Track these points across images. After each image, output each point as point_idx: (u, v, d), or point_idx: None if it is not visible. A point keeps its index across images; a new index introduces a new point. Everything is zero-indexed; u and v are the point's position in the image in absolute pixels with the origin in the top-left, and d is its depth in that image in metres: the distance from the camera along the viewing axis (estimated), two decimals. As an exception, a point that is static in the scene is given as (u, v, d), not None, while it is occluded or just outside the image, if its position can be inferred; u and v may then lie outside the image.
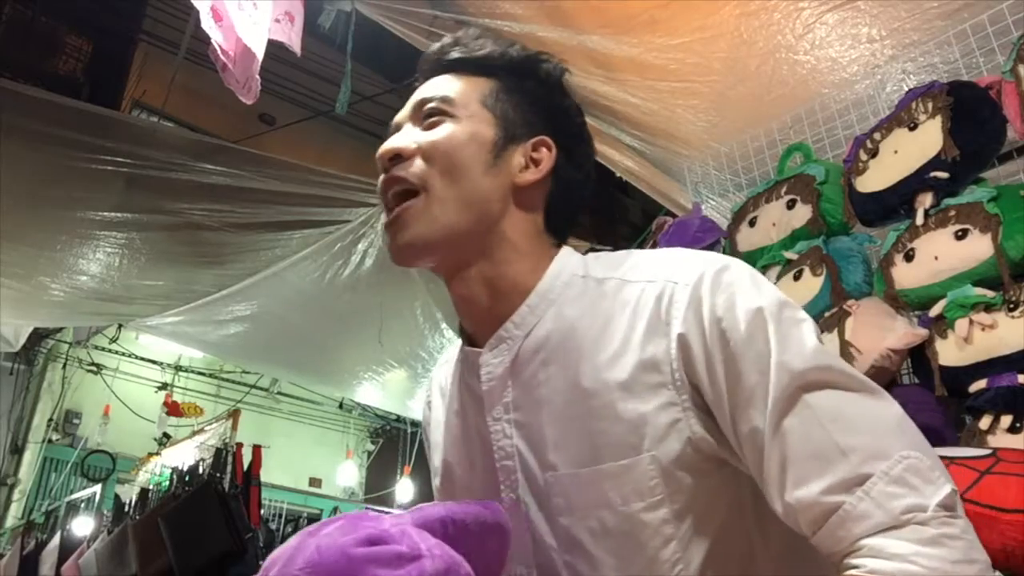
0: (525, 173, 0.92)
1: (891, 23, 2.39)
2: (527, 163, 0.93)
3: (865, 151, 2.15)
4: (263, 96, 2.66)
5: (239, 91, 2.54)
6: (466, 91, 0.94)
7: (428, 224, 0.88)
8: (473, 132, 0.91)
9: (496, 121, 0.93)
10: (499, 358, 0.90)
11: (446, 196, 0.88)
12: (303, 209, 3.78)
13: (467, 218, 0.89)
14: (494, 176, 0.90)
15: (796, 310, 0.80)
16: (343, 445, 9.26)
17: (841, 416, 0.73)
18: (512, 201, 0.92)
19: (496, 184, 0.91)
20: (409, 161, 0.90)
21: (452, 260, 0.91)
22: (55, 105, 3.12)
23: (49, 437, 7.25)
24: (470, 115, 0.92)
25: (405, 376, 5.75)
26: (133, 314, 4.97)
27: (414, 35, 3.05)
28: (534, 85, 0.97)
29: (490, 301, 0.91)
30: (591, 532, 0.81)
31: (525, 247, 0.92)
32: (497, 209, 0.91)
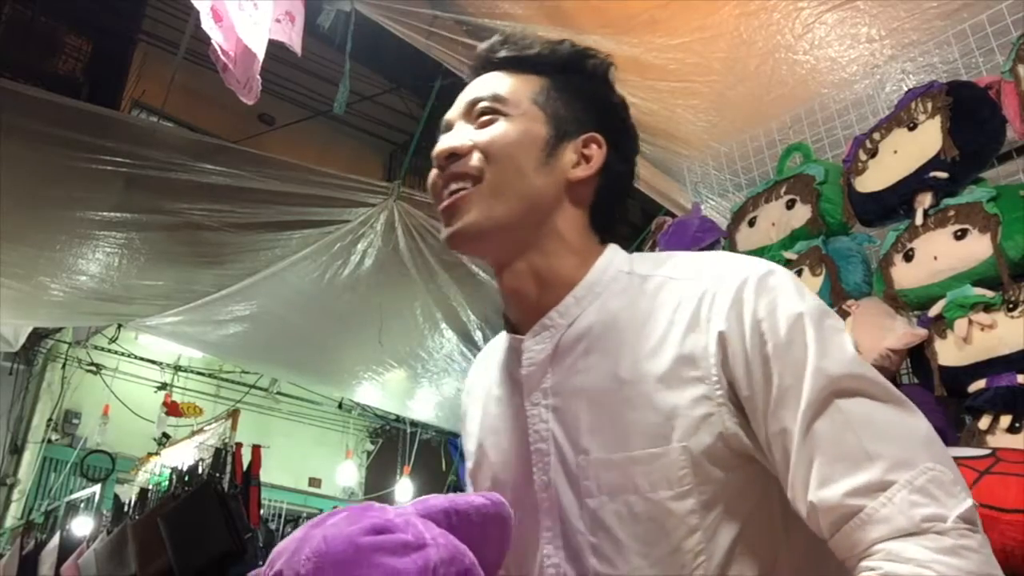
0: (577, 169, 0.95)
1: (890, 23, 2.39)
2: (579, 159, 0.95)
3: (864, 151, 2.15)
4: (263, 96, 2.66)
5: (240, 91, 2.54)
6: (517, 89, 0.96)
7: (483, 212, 0.91)
8: (526, 130, 0.93)
9: (547, 119, 0.95)
10: (541, 345, 0.93)
11: (501, 189, 0.91)
12: (302, 209, 3.78)
13: (520, 211, 0.91)
14: (547, 173, 0.93)
15: (836, 319, 0.83)
16: (343, 445, 9.26)
17: (871, 424, 0.75)
18: (564, 196, 0.95)
19: (549, 180, 0.93)
20: (466, 158, 0.92)
21: (504, 251, 0.94)
22: (55, 105, 3.11)
23: (48, 437, 7.24)
24: (522, 113, 0.94)
25: (404, 376, 5.75)
26: (133, 314, 4.97)
27: (413, 35, 3.05)
28: (582, 81, 0.99)
29: (537, 293, 0.94)
30: (618, 516, 0.83)
31: (574, 241, 0.95)
32: (549, 204, 0.93)
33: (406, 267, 4.20)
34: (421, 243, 4.02)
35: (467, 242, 0.93)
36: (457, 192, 0.92)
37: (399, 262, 4.16)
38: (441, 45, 3.09)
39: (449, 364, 5.41)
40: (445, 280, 4.32)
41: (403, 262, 4.16)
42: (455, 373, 5.59)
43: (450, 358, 5.30)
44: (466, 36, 3.06)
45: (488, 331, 4.91)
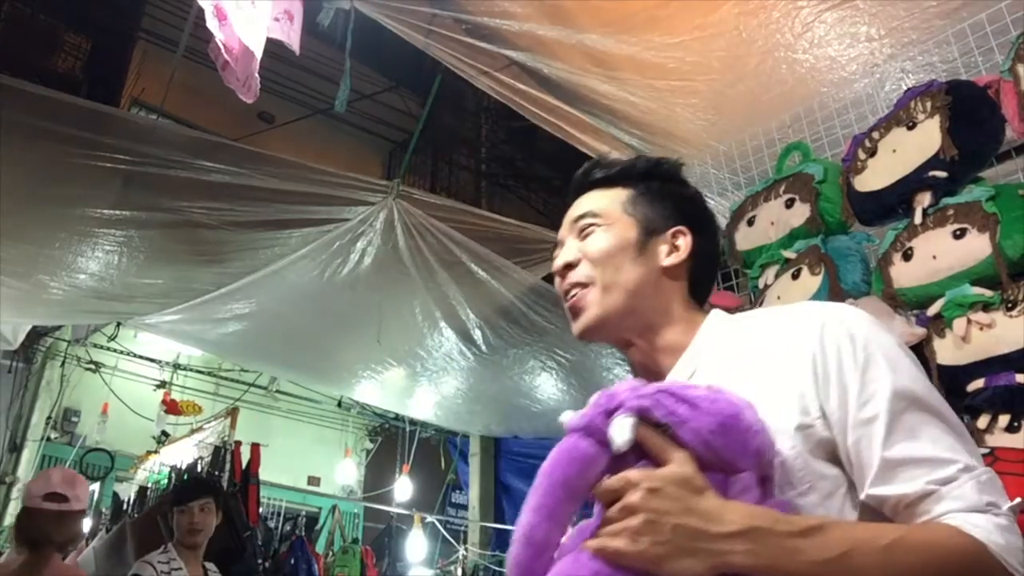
0: (669, 258, 1.15)
1: (890, 22, 2.39)
2: (670, 249, 1.16)
3: (864, 150, 2.15)
4: (262, 94, 2.66)
5: (239, 89, 2.54)
6: (609, 203, 1.19)
7: (600, 308, 1.13)
8: (620, 236, 1.15)
9: (636, 223, 1.16)
10: None
11: (609, 286, 1.13)
12: (302, 207, 3.77)
13: (628, 299, 1.12)
14: (642, 265, 1.14)
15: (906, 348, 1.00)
16: (342, 443, 9.25)
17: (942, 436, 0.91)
18: (662, 279, 1.15)
19: (646, 271, 1.14)
20: (577, 267, 1.16)
21: (625, 333, 1.15)
22: (54, 102, 3.11)
23: (48, 435, 7.23)
24: (614, 222, 1.16)
25: (404, 375, 5.75)
26: (132, 312, 4.97)
27: (413, 33, 3.05)
28: (660, 185, 1.20)
29: (655, 360, 1.13)
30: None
31: (678, 313, 1.14)
32: (651, 288, 1.14)
33: (405, 266, 4.20)
34: (420, 241, 4.02)
35: (593, 333, 1.15)
36: (576, 296, 1.15)
37: (398, 261, 4.16)
38: (440, 43, 3.09)
39: (448, 363, 5.41)
40: (444, 279, 4.32)
41: (402, 261, 4.16)
42: (454, 372, 5.59)
43: (449, 357, 5.30)
44: (465, 35, 3.06)
45: (487, 330, 4.91)
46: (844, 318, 1.00)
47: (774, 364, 1.00)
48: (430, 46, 3.11)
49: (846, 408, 0.93)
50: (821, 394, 0.95)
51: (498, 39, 3.00)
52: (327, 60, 6.10)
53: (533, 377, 5.64)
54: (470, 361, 5.33)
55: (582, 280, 1.15)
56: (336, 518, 6.14)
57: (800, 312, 1.05)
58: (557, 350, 5.16)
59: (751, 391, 0.96)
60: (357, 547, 5.84)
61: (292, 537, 5.28)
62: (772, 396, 0.96)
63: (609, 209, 1.18)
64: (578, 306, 1.15)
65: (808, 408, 0.95)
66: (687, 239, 1.16)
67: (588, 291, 1.14)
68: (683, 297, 1.16)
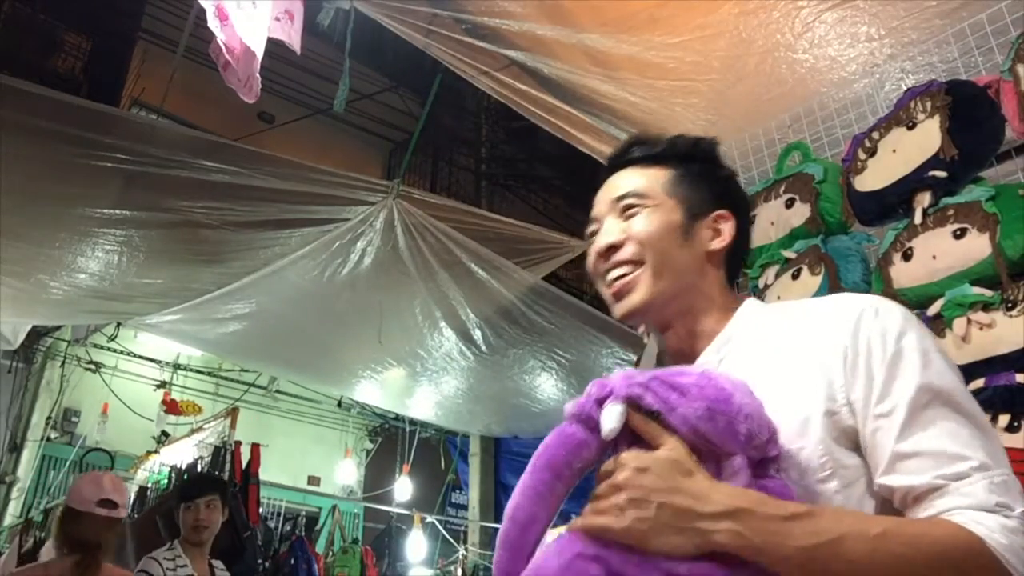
0: (714, 242, 1.14)
1: (890, 22, 2.39)
2: (713, 234, 1.14)
3: (864, 150, 2.15)
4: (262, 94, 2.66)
5: (240, 89, 2.55)
6: (651, 182, 1.15)
7: (649, 290, 1.10)
8: (667, 217, 1.13)
9: (679, 205, 1.14)
10: None
11: (659, 269, 1.10)
12: (302, 207, 3.77)
13: (675, 284, 1.11)
14: (689, 248, 1.12)
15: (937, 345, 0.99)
16: (342, 443, 9.25)
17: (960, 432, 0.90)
18: (706, 264, 1.14)
19: (692, 255, 1.13)
20: (624, 248, 1.12)
21: (665, 316, 1.14)
22: (54, 102, 3.11)
23: (48, 435, 7.23)
24: (658, 203, 1.14)
25: (404, 375, 5.75)
26: (132, 312, 4.97)
27: (412, 33, 3.05)
28: (700, 167, 1.18)
29: (690, 345, 1.13)
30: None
31: (717, 299, 1.14)
32: (696, 273, 1.13)
33: (405, 265, 4.20)
34: (420, 241, 4.02)
35: (638, 314, 1.13)
36: (623, 276, 1.12)
37: (398, 260, 4.16)
38: (440, 43, 3.09)
39: (448, 363, 5.41)
40: (444, 279, 4.32)
41: (402, 260, 4.16)
42: (454, 372, 5.59)
43: (449, 356, 5.30)
44: (465, 34, 3.06)
45: (487, 330, 4.91)
46: (880, 310, 0.99)
47: (806, 352, 1.00)
48: (430, 46, 3.11)
49: (869, 398, 0.94)
50: (848, 383, 0.96)
51: (498, 39, 3.00)
52: (327, 60, 6.11)
53: (533, 377, 5.64)
54: (470, 361, 5.33)
55: (631, 258, 1.12)
56: (336, 518, 6.14)
57: (837, 302, 1.05)
58: (557, 350, 5.17)
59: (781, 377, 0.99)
60: (357, 547, 5.84)
61: (292, 537, 5.28)
62: (802, 382, 0.98)
63: (653, 189, 1.15)
64: (626, 287, 1.12)
65: (835, 396, 0.95)
66: (730, 224, 1.15)
67: (638, 273, 1.11)
68: (722, 283, 1.16)
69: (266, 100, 7.42)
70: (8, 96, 2.98)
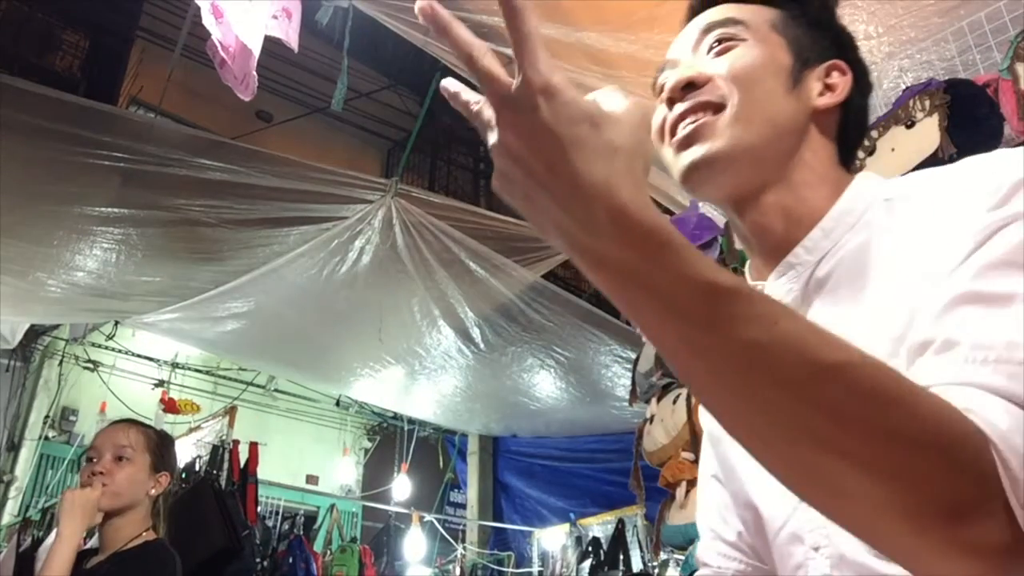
0: (823, 98, 0.87)
1: (888, 20, 2.39)
2: (823, 88, 0.88)
3: (862, 149, 2.14)
4: (260, 93, 2.66)
5: (237, 87, 2.54)
6: (754, 14, 0.88)
7: (732, 140, 0.81)
8: (771, 55, 0.86)
9: (789, 46, 0.87)
10: (787, 286, 0.83)
11: (750, 114, 0.82)
12: (300, 205, 3.77)
13: (770, 137, 0.83)
14: (795, 99, 0.85)
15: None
16: (340, 442, 9.25)
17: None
18: (812, 125, 0.87)
19: (797, 107, 0.85)
20: (707, 87, 0.84)
21: (751, 183, 0.85)
22: (52, 100, 3.11)
23: (45, 434, 7.23)
24: (762, 39, 0.86)
25: (402, 373, 5.75)
26: (130, 311, 4.97)
27: (411, 31, 3.05)
28: (816, 10, 0.93)
29: (785, 228, 0.84)
30: None
31: (825, 173, 0.86)
32: (798, 132, 0.85)
33: (404, 264, 4.20)
34: (419, 240, 4.02)
35: (712, 173, 0.82)
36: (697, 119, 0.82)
37: (397, 259, 4.16)
38: (439, 42, 3.09)
39: (447, 361, 5.41)
40: (443, 277, 4.32)
41: (401, 259, 4.16)
42: (452, 370, 5.60)
43: (447, 355, 5.31)
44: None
45: (486, 328, 4.91)
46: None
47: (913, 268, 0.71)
48: (428, 44, 3.11)
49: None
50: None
51: (497, 37, 3.00)
52: (325, 58, 6.11)
53: (531, 375, 5.65)
54: (468, 359, 5.33)
55: (711, 100, 0.83)
56: (334, 517, 6.15)
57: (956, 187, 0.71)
58: (555, 348, 5.17)
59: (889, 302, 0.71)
60: (355, 546, 5.84)
61: (290, 536, 5.28)
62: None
63: (757, 22, 0.88)
64: (697, 132, 0.82)
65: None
66: (845, 79, 0.89)
67: (717, 117, 0.82)
68: (831, 154, 0.88)
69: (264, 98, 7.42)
70: (6, 95, 2.98)
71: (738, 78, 0.83)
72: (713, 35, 0.87)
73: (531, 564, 7.26)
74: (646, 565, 5.62)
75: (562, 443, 7.09)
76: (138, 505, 2.09)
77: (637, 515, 5.82)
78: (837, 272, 0.80)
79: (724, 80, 0.83)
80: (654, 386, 2.85)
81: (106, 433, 2.14)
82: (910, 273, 0.70)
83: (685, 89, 0.84)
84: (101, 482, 2.01)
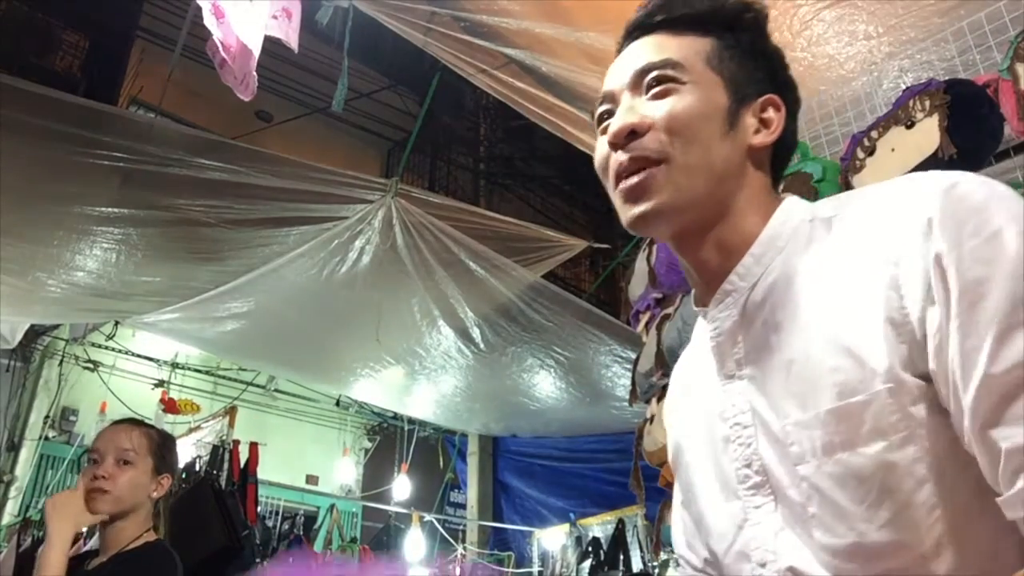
0: (758, 136, 0.89)
1: (888, 20, 2.39)
2: (759, 125, 0.90)
3: (862, 149, 2.15)
4: (260, 93, 2.66)
5: (237, 87, 2.54)
6: (689, 53, 0.89)
7: (674, 193, 0.84)
8: (708, 98, 0.87)
9: (724, 83, 0.88)
10: (725, 312, 0.88)
11: (690, 165, 0.84)
12: (300, 205, 3.77)
13: (711, 186, 0.86)
14: (731, 142, 0.87)
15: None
16: (340, 442, 9.24)
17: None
18: (747, 162, 0.89)
19: (734, 149, 0.87)
20: (647, 137, 0.85)
21: (692, 225, 0.88)
22: (52, 100, 3.11)
23: (45, 434, 7.22)
24: (698, 80, 0.87)
25: (402, 373, 5.75)
26: (130, 311, 4.97)
27: (411, 31, 3.05)
28: (750, 38, 0.93)
29: (720, 259, 0.88)
30: (834, 479, 0.75)
31: (758, 203, 0.89)
32: (735, 174, 0.88)
33: (404, 264, 4.20)
34: (419, 240, 4.02)
35: (657, 223, 0.87)
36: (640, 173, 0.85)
37: (397, 259, 4.16)
38: (439, 42, 3.09)
39: (446, 361, 5.41)
40: (443, 277, 4.33)
41: (401, 259, 4.16)
42: (452, 370, 5.60)
43: (447, 355, 5.31)
44: (463, 33, 3.06)
45: (486, 328, 4.91)
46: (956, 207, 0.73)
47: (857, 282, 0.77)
48: (429, 44, 3.11)
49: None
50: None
51: (496, 37, 3.00)
52: (325, 59, 6.11)
53: (531, 375, 5.65)
54: (468, 359, 5.33)
55: (651, 155, 0.84)
56: (334, 517, 6.14)
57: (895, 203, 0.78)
58: (555, 348, 5.17)
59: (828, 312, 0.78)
60: (355, 546, 5.85)
61: (290, 536, 5.28)
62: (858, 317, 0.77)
63: (691, 61, 0.88)
64: (642, 187, 0.85)
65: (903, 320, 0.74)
66: (780, 114, 0.91)
67: (659, 170, 0.84)
68: (765, 183, 0.91)
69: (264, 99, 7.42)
70: (6, 95, 2.98)
71: (677, 129, 0.84)
72: (651, 76, 0.88)
73: (531, 564, 7.26)
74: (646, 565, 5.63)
75: (562, 443, 7.10)
76: (140, 508, 2.09)
77: (637, 515, 5.83)
78: (773, 294, 0.84)
79: (664, 131, 0.85)
80: (654, 386, 2.85)
81: (109, 435, 2.14)
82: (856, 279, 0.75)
83: (628, 137, 0.86)
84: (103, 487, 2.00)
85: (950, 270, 0.68)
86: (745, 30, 0.92)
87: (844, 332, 0.75)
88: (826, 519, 0.76)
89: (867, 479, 0.73)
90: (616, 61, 0.94)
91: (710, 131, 0.86)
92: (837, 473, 0.75)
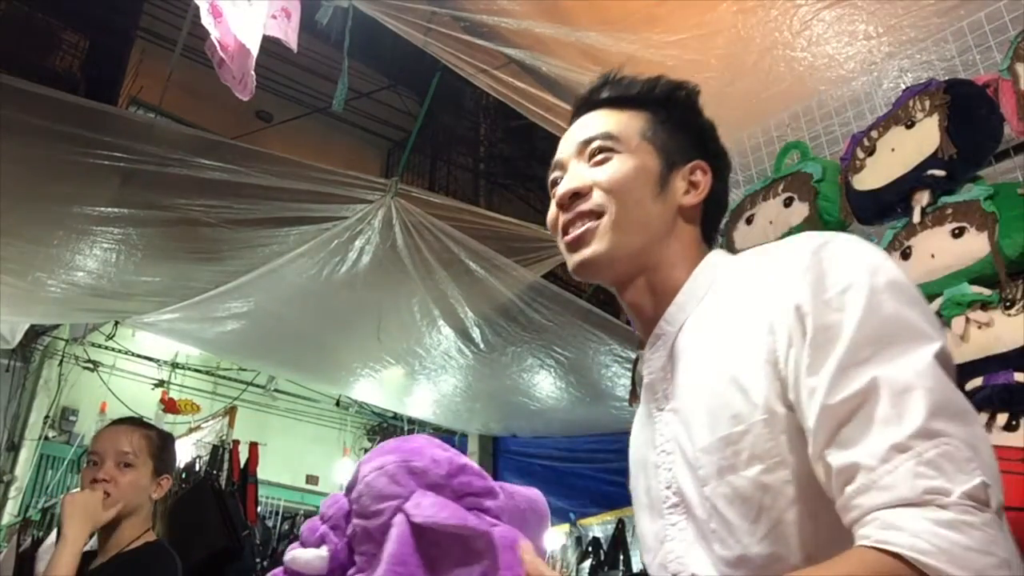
0: (687, 196, 1.05)
1: (888, 20, 2.39)
2: (688, 187, 1.05)
3: (862, 149, 2.15)
4: (260, 93, 2.66)
5: (235, 87, 2.54)
6: (626, 126, 1.05)
7: (609, 244, 1.00)
8: (640, 165, 1.03)
9: (657, 152, 1.04)
10: (657, 353, 1.02)
11: (624, 222, 1.00)
12: (300, 205, 3.77)
13: (643, 238, 1.01)
14: (662, 202, 1.03)
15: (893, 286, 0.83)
16: (340, 442, 9.25)
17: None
18: (678, 219, 1.04)
19: (664, 208, 1.03)
20: (588, 196, 1.02)
21: (628, 272, 1.03)
22: (52, 100, 3.10)
23: (45, 434, 7.23)
24: (633, 149, 1.03)
25: (402, 373, 5.75)
26: (130, 311, 4.96)
27: (411, 31, 3.05)
28: (681, 113, 1.09)
29: (653, 305, 1.03)
30: (725, 498, 0.87)
31: (687, 254, 1.03)
32: (666, 229, 1.03)
33: (404, 264, 4.19)
34: (419, 240, 4.01)
35: (594, 269, 1.02)
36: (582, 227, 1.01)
37: (397, 259, 4.16)
38: (439, 42, 3.09)
39: (446, 361, 5.41)
40: (443, 277, 4.32)
41: (401, 259, 4.16)
42: (452, 370, 5.59)
43: (447, 355, 5.30)
44: (464, 33, 3.06)
45: (486, 328, 4.91)
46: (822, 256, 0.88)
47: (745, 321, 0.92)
48: (429, 44, 3.11)
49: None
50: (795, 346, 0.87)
51: (497, 37, 3.00)
52: (325, 58, 6.11)
53: (532, 375, 5.64)
54: (468, 359, 5.33)
55: (593, 210, 1.01)
56: (334, 517, 6.13)
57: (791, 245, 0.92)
58: (555, 348, 5.16)
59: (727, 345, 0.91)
60: (355, 546, 5.83)
61: (290, 536, 5.28)
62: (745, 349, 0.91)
63: (627, 133, 1.04)
64: (583, 238, 1.01)
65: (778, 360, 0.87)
66: (707, 177, 1.06)
67: (598, 224, 1.00)
68: (696, 239, 1.06)
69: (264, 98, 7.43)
70: (6, 95, 2.97)
71: (613, 190, 1.01)
72: (593, 146, 1.05)
73: (531, 564, 7.24)
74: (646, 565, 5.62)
75: (562, 443, 7.09)
76: (140, 509, 2.09)
77: (637, 515, 5.81)
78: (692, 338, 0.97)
79: (602, 191, 1.01)
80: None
81: (108, 436, 2.14)
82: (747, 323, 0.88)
83: (572, 199, 1.03)
84: (104, 490, 2.00)
85: (807, 318, 0.81)
86: (676, 107, 1.09)
87: (737, 370, 0.88)
88: (722, 533, 0.88)
89: (748, 499, 0.84)
90: (566, 134, 1.10)
91: (643, 191, 1.01)
92: (728, 493, 0.87)
